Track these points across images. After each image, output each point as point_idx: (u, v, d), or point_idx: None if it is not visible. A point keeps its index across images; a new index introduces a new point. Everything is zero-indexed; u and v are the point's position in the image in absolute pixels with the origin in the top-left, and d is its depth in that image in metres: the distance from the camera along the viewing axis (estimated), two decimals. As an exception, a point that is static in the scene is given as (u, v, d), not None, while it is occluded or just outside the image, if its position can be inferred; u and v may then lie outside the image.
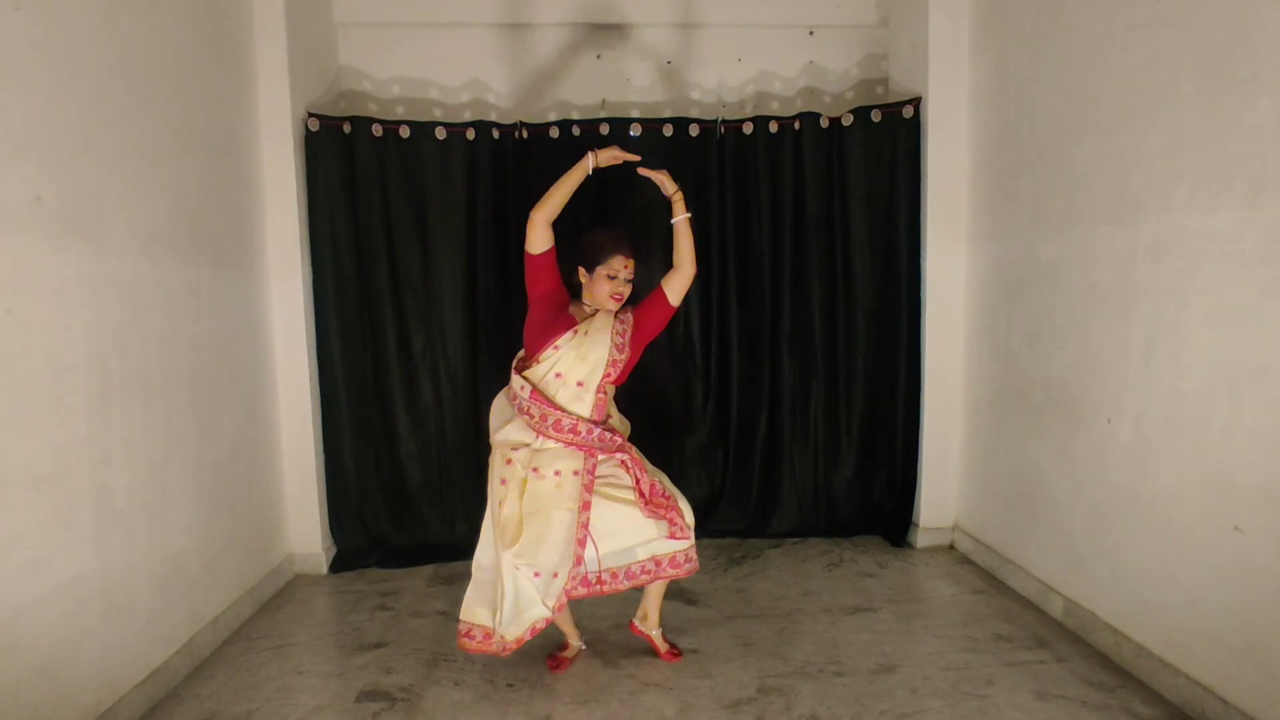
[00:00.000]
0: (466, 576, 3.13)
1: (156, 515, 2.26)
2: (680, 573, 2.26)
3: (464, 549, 3.33)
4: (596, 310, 2.26)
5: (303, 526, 3.20)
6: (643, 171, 2.27)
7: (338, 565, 3.25)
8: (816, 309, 3.43)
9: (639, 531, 2.22)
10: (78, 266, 1.93)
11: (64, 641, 1.87)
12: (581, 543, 2.15)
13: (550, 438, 2.14)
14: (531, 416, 2.14)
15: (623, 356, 2.21)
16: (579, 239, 2.28)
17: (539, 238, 2.17)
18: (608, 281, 2.19)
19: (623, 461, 2.23)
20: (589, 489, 2.17)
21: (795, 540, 3.49)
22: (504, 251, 3.30)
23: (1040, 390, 2.71)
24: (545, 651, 2.46)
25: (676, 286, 2.27)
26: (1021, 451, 2.85)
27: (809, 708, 2.11)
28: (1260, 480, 1.83)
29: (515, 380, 2.18)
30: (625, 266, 2.19)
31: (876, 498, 3.52)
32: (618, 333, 2.22)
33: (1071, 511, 2.55)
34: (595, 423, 2.19)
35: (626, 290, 2.22)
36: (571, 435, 2.15)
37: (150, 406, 2.23)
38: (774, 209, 3.40)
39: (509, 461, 2.16)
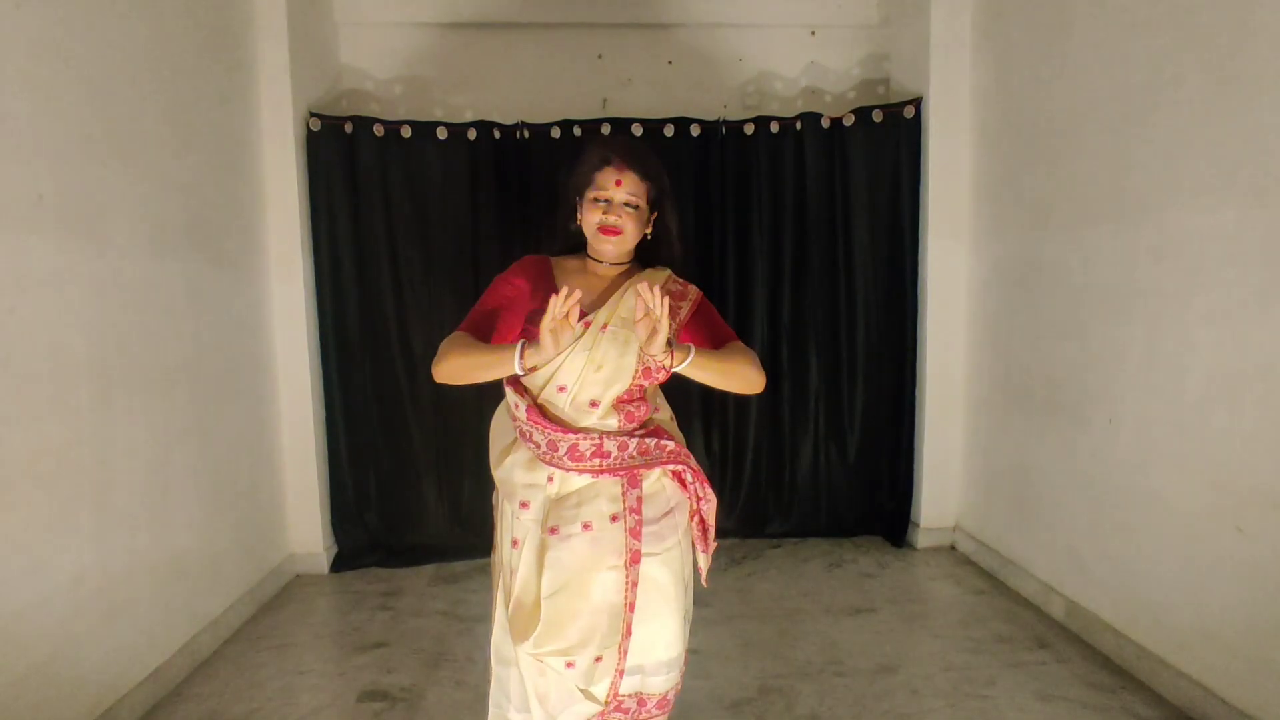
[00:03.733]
0: (468, 576, 3.18)
1: (158, 514, 2.26)
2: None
3: (465, 549, 3.36)
4: (618, 270, 1.56)
5: (304, 526, 3.20)
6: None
7: (339, 565, 3.25)
8: (817, 309, 3.43)
9: (673, 630, 1.53)
10: (79, 265, 1.93)
11: (65, 641, 1.87)
12: (632, 607, 1.48)
13: (567, 469, 1.47)
14: (537, 445, 1.48)
15: (667, 363, 1.42)
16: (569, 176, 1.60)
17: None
18: (595, 211, 1.48)
19: (676, 475, 1.56)
20: (636, 533, 1.48)
21: (795, 540, 3.49)
22: (506, 251, 3.30)
23: (1041, 390, 2.71)
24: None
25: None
26: (1022, 451, 2.85)
27: (809, 708, 2.11)
28: (1261, 481, 1.83)
29: (510, 395, 1.53)
30: (618, 183, 1.47)
31: (877, 498, 3.52)
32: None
33: (1072, 512, 2.55)
34: (631, 433, 1.52)
35: (628, 223, 1.48)
36: (598, 460, 1.47)
37: (151, 405, 2.23)
38: (775, 209, 3.39)
39: (524, 505, 1.50)
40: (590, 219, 1.50)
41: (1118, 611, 2.33)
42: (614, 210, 1.48)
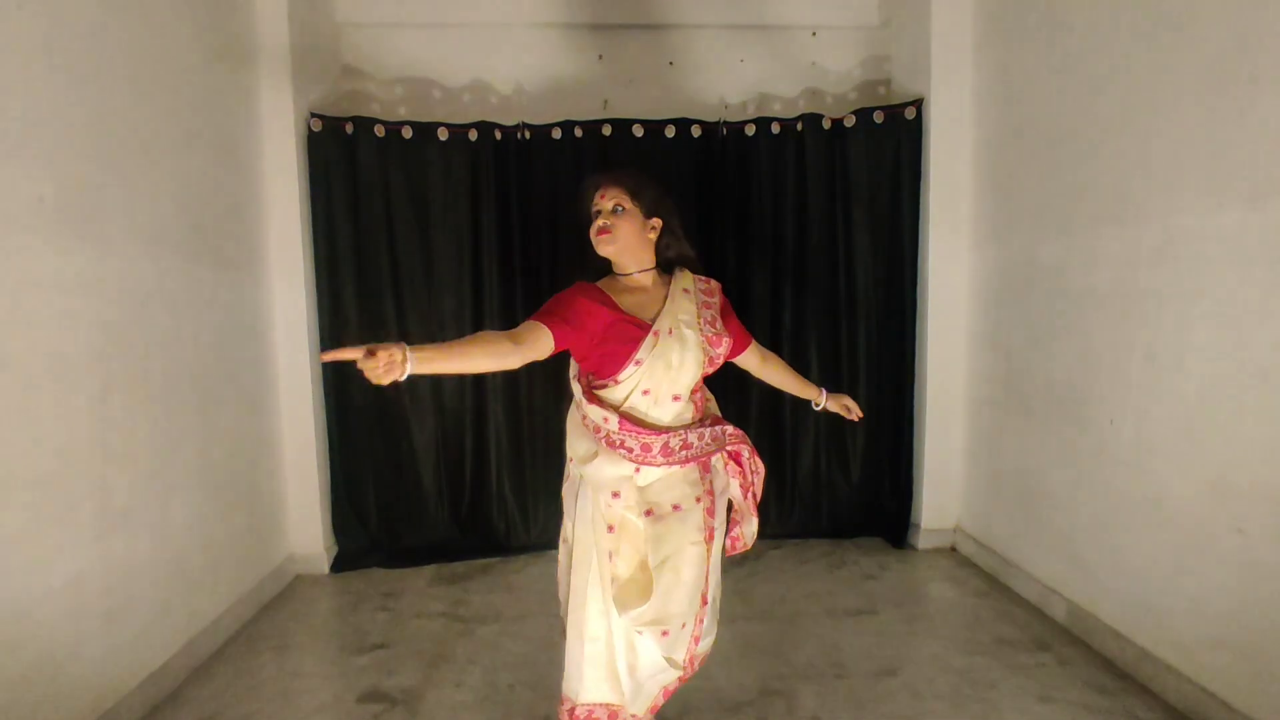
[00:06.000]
0: (468, 577, 3.18)
1: (157, 515, 2.26)
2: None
3: (465, 550, 3.37)
4: (652, 279, 1.77)
5: (304, 526, 3.20)
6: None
7: (339, 565, 3.25)
8: (818, 309, 3.43)
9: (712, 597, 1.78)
10: (80, 266, 1.93)
11: (65, 641, 1.87)
12: (707, 582, 1.74)
13: (659, 465, 1.69)
14: (630, 450, 1.67)
15: (721, 350, 1.77)
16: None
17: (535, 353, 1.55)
18: (594, 225, 1.72)
19: (734, 454, 1.87)
20: (712, 512, 1.76)
21: (796, 541, 3.49)
22: (507, 251, 3.30)
23: (1042, 391, 2.71)
24: (552, 653, 2.45)
25: (749, 362, 1.95)
26: (1023, 453, 2.85)
27: (810, 710, 2.11)
28: (1263, 483, 1.82)
29: (594, 412, 1.68)
30: (601, 197, 1.71)
31: (878, 499, 3.51)
32: (706, 318, 1.74)
33: (1073, 513, 2.54)
34: (703, 422, 1.78)
35: (615, 223, 1.69)
36: (684, 452, 1.71)
37: (152, 406, 2.23)
38: (776, 210, 3.39)
39: (616, 495, 1.69)
40: (591, 232, 1.71)
41: (1119, 613, 2.33)
42: (604, 215, 1.70)
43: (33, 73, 1.79)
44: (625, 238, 1.70)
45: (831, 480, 3.52)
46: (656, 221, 1.75)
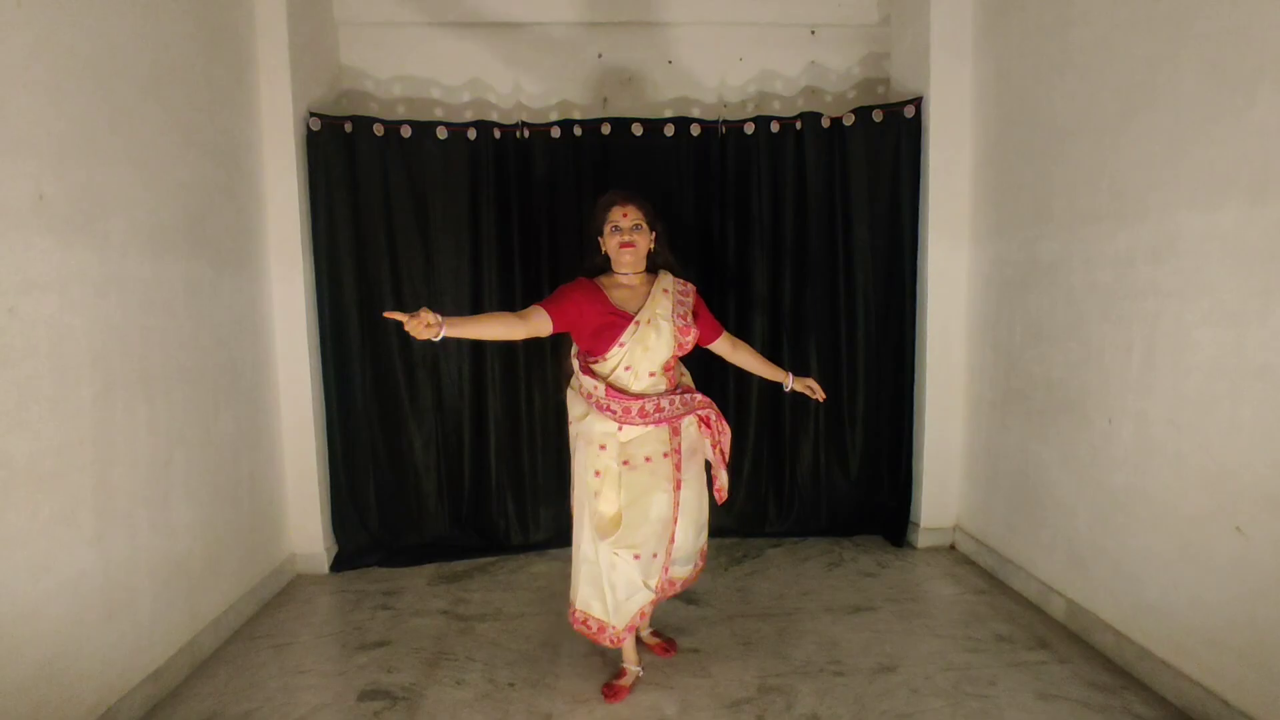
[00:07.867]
0: (468, 575, 3.19)
1: (158, 514, 2.26)
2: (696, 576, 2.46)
3: (465, 548, 3.38)
4: (640, 279, 2.24)
5: (304, 526, 3.20)
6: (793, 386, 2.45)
7: (339, 564, 3.25)
8: (818, 308, 3.43)
9: (690, 534, 2.30)
10: (80, 265, 1.93)
11: (66, 641, 1.87)
12: (674, 521, 2.20)
13: (636, 425, 2.13)
14: (614, 412, 2.13)
15: (689, 339, 2.21)
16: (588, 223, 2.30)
17: (531, 329, 2.09)
18: (614, 236, 2.17)
19: (704, 419, 2.29)
20: (679, 467, 2.20)
21: (795, 539, 3.49)
22: (506, 250, 3.30)
23: (1041, 390, 2.71)
24: (552, 650, 2.46)
25: (721, 348, 2.39)
26: (1023, 451, 2.85)
27: (809, 707, 2.11)
28: (1262, 481, 1.83)
29: (586, 382, 2.16)
30: (624, 215, 2.17)
31: (877, 497, 3.51)
32: (679, 312, 2.20)
33: (1073, 512, 2.55)
34: (674, 391, 2.22)
35: (638, 239, 2.17)
36: (656, 414, 2.15)
37: (152, 405, 2.23)
38: (775, 208, 3.39)
39: (602, 448, 2.15)
40: (611, 243, 2.19)
41: (1118, 611, 2.33)
42: (625, 232, 2.17)
43: (32, 71, 1.79)
44: (641, 251, 2.19)
45: (830, 478, 3.52)
46: (654, 235, 2.24)
